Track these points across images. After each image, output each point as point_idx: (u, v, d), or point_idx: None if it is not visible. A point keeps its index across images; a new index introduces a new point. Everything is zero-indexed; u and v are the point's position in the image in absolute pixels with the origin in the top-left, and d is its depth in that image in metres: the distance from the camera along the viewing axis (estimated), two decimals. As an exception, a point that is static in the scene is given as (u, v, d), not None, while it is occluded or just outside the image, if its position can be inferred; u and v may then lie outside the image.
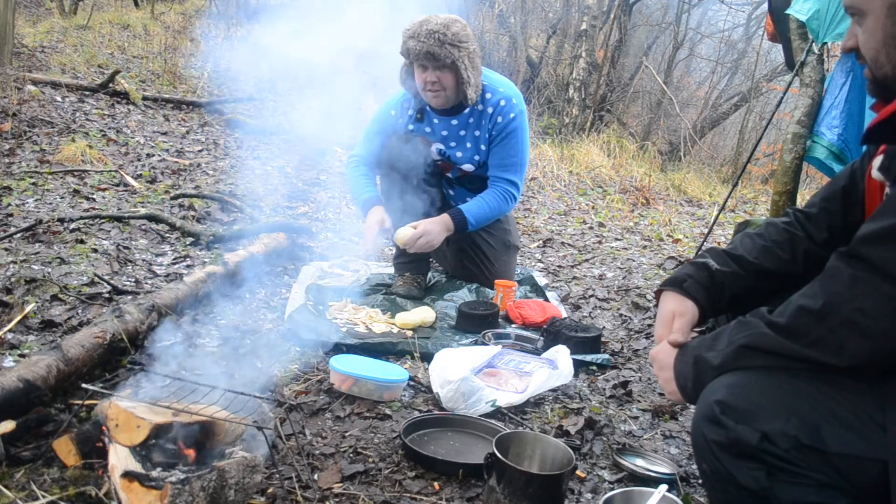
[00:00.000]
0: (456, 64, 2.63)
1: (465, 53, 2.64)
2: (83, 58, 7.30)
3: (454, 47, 2.61)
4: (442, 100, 2.73)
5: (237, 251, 2.94)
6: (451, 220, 2.79)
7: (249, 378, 1.97)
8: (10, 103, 4.97)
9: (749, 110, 10.39)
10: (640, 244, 4.68)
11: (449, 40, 2.59)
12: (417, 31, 2.61)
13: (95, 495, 1.39)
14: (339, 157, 5.24)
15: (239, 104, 6.82)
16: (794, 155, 3.54)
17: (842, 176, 1.37)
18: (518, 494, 1.44)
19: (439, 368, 2.07)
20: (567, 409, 2.07)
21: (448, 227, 2.79)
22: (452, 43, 2.60)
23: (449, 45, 2.59)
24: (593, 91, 9.21)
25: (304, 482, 1.54)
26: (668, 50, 11.19)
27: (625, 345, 2.66)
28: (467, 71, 2.66)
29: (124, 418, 1.39)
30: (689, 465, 1.80)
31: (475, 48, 2.70)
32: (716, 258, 1.38)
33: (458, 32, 2.62)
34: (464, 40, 2.63)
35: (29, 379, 1.60)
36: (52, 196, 3.69)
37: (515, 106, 2.79)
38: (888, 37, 1.05)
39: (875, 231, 1.01)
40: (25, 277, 2.47)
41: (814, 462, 1.00)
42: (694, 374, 1.17)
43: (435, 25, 2.59)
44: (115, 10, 11.17)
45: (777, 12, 3.73)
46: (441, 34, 2.58)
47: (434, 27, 2.59)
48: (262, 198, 4.25)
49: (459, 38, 2.61)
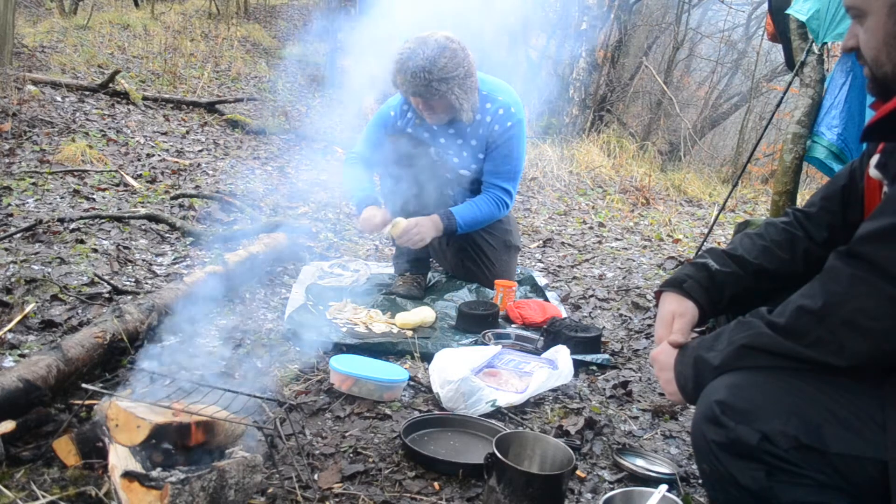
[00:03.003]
0: (446, 96, 2.60)
1: (454, 84, 2.59)
2: (83, 58, 7.31)
3: (442, 82, 2.56)
4: (436, 120, 2.75)
5: (237, 251, 2.93)
6: (441, 220, 2.79)
7: (249, 378, 1.97)
8: (10, 103, 4.97)
9: (749, 110, 10.40)
10: (640, 244, 4.68)
11: (436, 77, 2.54)
12: (404, 66, 2.55)
13: (95, 495, 1.39)
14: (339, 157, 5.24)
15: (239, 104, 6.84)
16: (794, 155, 3.54)
17: (841, 175, 1.37)
18: (518, 494, 1.44)
19: (439, 368, 2.07)
20: (567, 409, 2.07)
21: (437, 228, 2.79)
22: (440, 79, 2.55)
23: (436, 81, 2.55)
24: (593, 91, 9.20)
25: (304, 482, 1.54)
26: (668, 50, 11.19)
27: (625, 345, 2.66)
28: (459, 100, 2.63)
29: (124, 418, 1.39)
30: (689, 465, 1.80)
31: (467, 70, 2.63)
32: (715, 258, 1.38)
33: (445, 65, 2.55)
34: (452, 70, 2.57)
35: (29, 379, 1.60)
36: (52, 196, 3.69)
37: (514, 115, 2.78)
38: (889, 36, 1.05)
39: (874, 230, 1.01)
40: (25, 277, 2.47)
41: (814, 462, 1.00)
42: (694, 375, 1.17)
43: (422, 61, 2.52)
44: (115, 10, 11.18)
45: (777, 12, 3.73)
46: (427, 72, 2.53)
47: (421, 63, 2.52)
48: (262, 198, 4.25)
49: (447, 71, 2.55)
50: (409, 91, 2.64)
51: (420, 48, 2.55)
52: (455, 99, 2.63)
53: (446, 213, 2.81)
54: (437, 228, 2.79)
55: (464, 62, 2.62)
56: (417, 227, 2.73)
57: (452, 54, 2.58)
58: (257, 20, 12.52)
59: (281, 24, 12.64)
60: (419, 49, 2.55)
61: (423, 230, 2.74)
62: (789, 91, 3.96)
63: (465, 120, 2.72)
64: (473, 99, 2.71)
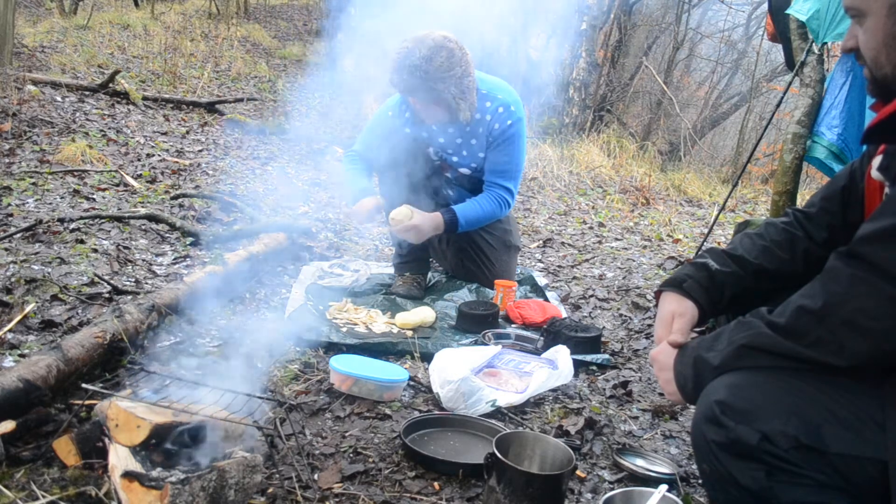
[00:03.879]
0: (442, 95, 2.60)
1: (451, 83, 2.58)
2: (83, 58, 7.31)
3: (438, 81, 2.55)
4: (434, 119, 2.75)
5: (237, 251, 2.93)
6: (443, 218, 2.79)
7: (249, 378, 1.97)
8: (10, 103, 4.97)
9: (749, 110, 10.40)
10: (640, 244, 4.68)
11: (432, 76, 2.54)
12: (401, 65, 2.55)
13: (95, 495, 1.39)
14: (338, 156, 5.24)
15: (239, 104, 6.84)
16: (794, 155, 3.54)
17: (841, 176, 1.37)
18: (518, 494, 1.44)
19: (439, 368, 2.07)
20: (567, 409, 2.07)
21: (437, 226, 2.78)
22: (437, 78, 2.54)
23: (433, 80, 2.54)
24: (593, 91, 9.20)
25: (304, 482, 1.54)
26: (668, 50, 11.20)
27: (625, 345, 2.66)
28: (456, 99, 2.63)
29: (124, 418, 1.39)
30: (689, 465, 1.80)
31: (464, 69, 2.62)
32: (715, 258, 1.38)
33: (441, 64, 2.54)
34: (449, 69, 2.56)
35: (29, 379, 1.60)
36: (52, 196, 3.69)
37: (514, 113, 2.78)
38: (888, 37, 1.05)
39: (875, 231, 1.01)
40: (25, 277, 2.47)
41: (814, 462, 1.00)
42: (694, 375, 1.17)
43: (417, 59, 2.52)
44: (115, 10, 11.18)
45: (777, 12, 3.73)
46: (423, 71, 2.52)
47: (416, 62, 2.52)
48: (262, 198, 4.25)
49: (444, 70, 2.54)
50: (405, 90, 2.64)
51: (417, 47, 2.55)
52: (452, 98, 2.62)
53: (448, 210, 2.81)
54: (437, 226, 2.78)
55: (461, 61, 2.61)
56: (415, 217, 2.72)
57: (449, 53, 2.57)
58: (257, 20, 12.52)
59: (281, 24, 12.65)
60: (416, 48, 2.55)
61: (422, 222, 2.73)
62: (789, 91, 3.96)
63: (463, 119, 2.72)
64: (471, 98, 2.70)
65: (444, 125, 2.82)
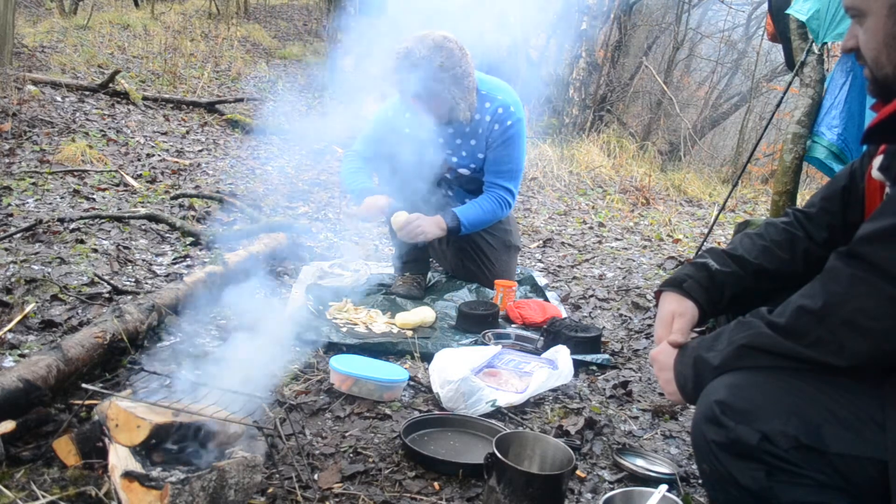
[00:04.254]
0: (442, 95, 2.60)
1: (451, 83, 2.59)
2: (83, 58, 7.31)
3: (438, 81, 2.56)
4: (434, 117, 2.75)
5: (237, 251, 2.93)
6: (445, 221, 2.79)
7: (249, 378, 1.97)
8: (10, 103, 4.97)
9: (749, 110, 10.40)
10: (640, 244, 4.68)
11: (431, 76, 2.54)
12: (401, 65, 2.55)
13: (95, 495, 1.39)
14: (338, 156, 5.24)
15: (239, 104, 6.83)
16: (794, 155, 3.54)
17: (841, 176, 1.36)
18: (518, 494, 1.44)
19: (439, 368, 2.07)
20: (567, 409, 2.07)
21: (441, 228, 2.79)
22: (436, 78, 2.55)
23: (432, 80, 2.55)
24: (593, 91, 9.20)
25: (304, 482, 1.54)
26: (668, 50, 11.20)
27: (625, 345, 2.66)
28: (455, 99, 2.63)
29: (124, 418, 1.39)
30: (689, 465, 1.80)
31: (464, 69, 2.62)
32: (715, 258, 1.38)
33: (441, 64, 2.55)
34: (449, 69, 2.56)
35: (29, 379, 1.60)
36: (52, 196, 3.69)
37: (513, 114, 2.78)
38: (889, 37, 1.05)
39: (875, 231, 1.01)
40: (25, 277, 2.47)
41: (814, 462, 1.00)
42: (694, 375, 1.17)
43: (416, 59, 2.53)
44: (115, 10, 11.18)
45: (777, 12, 3.73)
46: (423, 71, 2.52)
47: (417, 62, 2.52)
48: (262, 198, 4.25)
49: (443, 70, 2.55)
50: (405, 90, 2.64)
51: (417, 47, 2.55)
52: (451, 98, 2.63)
53: (450, 213, 2.81)
54: (441, 228, 2.79)
55: (461, 61, 2.61)
56: (418, 220, 2.73)
57: (449, 53, 2.58)
58: (257, 20, 12.52)
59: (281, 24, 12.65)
60: (416, 48, 2.55)
61: (424, 224, 2.74)
62: (789, 91, 3.96)
63: (463, 119, 2.72)
64: (471, 98, 2.71)
65: (443, 126, 2.82)
